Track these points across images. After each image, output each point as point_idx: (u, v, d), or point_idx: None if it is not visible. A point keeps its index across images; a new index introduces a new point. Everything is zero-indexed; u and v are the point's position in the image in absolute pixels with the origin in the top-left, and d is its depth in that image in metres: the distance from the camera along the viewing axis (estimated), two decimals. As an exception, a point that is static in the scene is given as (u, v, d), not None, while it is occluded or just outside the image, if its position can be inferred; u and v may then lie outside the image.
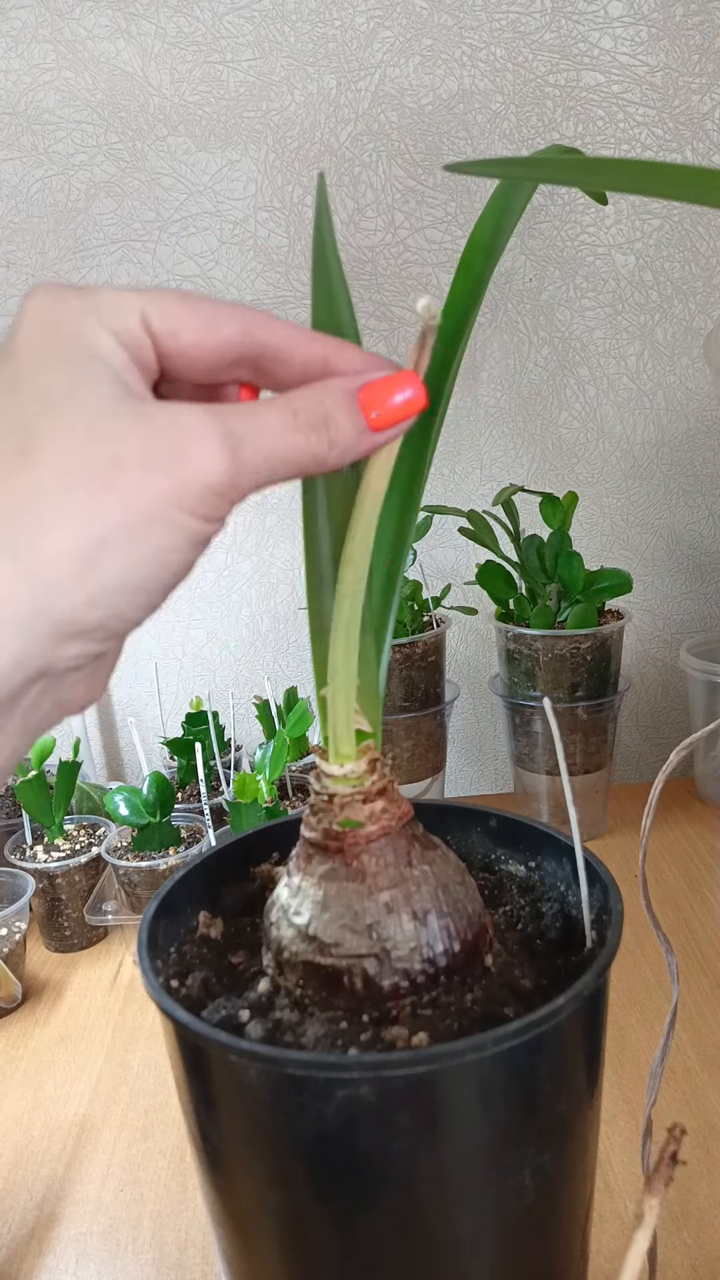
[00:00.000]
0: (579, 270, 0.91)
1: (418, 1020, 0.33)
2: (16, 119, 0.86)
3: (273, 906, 0.36)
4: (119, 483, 0.23)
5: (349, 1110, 0.28)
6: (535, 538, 0.82)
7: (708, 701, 0.91)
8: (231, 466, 0.25)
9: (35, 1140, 0.59)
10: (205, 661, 1.01)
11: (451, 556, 0.98)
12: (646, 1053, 0.61)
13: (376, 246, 0.90)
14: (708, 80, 0.87)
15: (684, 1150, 0.54)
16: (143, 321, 0.26)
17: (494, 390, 0.94)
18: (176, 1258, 0.50)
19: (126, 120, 0.87)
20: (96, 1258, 0.50)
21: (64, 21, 0.84)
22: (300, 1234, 0.32)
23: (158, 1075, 0.63)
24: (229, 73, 0.86)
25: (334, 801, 0.35)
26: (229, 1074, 0.30)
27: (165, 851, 0.73)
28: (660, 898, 0.77)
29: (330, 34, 0.85)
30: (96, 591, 0.24)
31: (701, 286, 0.92)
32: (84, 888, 0.77)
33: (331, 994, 0.33)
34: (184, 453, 0.24)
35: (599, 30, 0.86)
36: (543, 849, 0.41)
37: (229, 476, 0.25)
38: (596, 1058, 0.34)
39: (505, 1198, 0.31)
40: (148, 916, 0.36)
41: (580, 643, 0.81)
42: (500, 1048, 0.28)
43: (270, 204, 0.89)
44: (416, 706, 0.87)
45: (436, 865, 0.35)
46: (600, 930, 0.35)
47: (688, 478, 0.97)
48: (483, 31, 0.86)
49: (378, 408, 0.27)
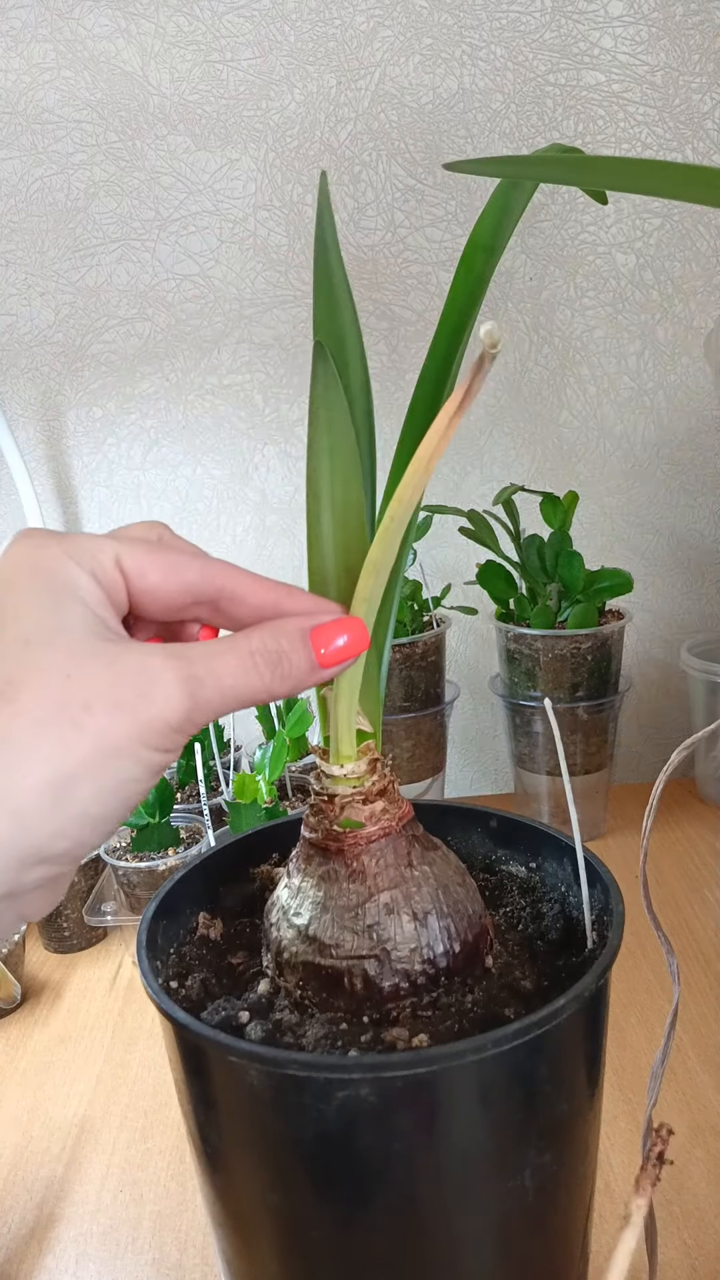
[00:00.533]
0: (579, 269, 0.91)
1: (418, 1021, 0.33)
2: (16, 118, 0.86)
3: (273, 907, 0.36)
4: (88, 724, 0.26)
5: (349, 1111, 0.28)
6: (535, 538, 0.82)
7: (708, 701, 0.91)
8: (190, 705, 0.27)
9: (35, 1140, 0.59)
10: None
11: (451, 556, 0.98)
12: (646, 1053, 0.61)
13: (376, 245, 0.90)
14: (708, 80, 0.87)
15: (684, 1150, 0.53)
16: (117, 563, 0.29)
17: (494, 390, 0.94)
18: (176, 1258, 0.50)
19: (126, 119, 0.87)
20: (96, 1258, 0.50)
21: (64, 21, 0.84)
22: (300, 1234, 0.32)
23: (158, 1076, 0.63)
24: (229, 72, 0.86)
25: (334, 802, 0.35)
26: (229, 1075, 0.30)
27: (164, 852, 0.73)
28: (661, 898, 0.77)
29: (330, 33, 0.85)
30: (65, 823, 0.26)
31: (702, 286, 0.92)
32: (83, 888, 0.77)
33: (331, 995, 0.33)
34: (147, 696, 0.26)
35: (599, 29, 0.86)
36: (543, 849, 0.41)
37: (187, 715, 0.27)
38: (597, 1058, 0.34)
39: (505, 1198, 0.31)
40: (147, 917, 0.36)
41: (580, 643, 0.81)
42: (500, 1049, 0.28)
43: (270, 203, 0.89)
44: (416, 706, 0.87)
45: (437, 866, 0.35)
46: (601, 931, 0.35)
47: (688, 477, 0.97)
48: (483, 31, 0.86)
49: (325, 646, 0.31)
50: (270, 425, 0.94)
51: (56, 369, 0.92)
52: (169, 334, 0.91)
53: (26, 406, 0.92)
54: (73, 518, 0.96)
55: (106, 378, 0.92)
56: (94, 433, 0.94)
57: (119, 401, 0.93)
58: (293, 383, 0.93)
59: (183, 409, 0.93)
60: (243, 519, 0.97)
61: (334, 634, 0.31)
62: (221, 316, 0.91)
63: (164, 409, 0.93)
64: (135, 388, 0.93)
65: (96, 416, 0.93)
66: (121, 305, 0.91)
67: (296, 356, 0.92)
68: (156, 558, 0.30)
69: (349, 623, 0.31)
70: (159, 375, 0.92)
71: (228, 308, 0.91)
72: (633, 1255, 0.21)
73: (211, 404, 0.93)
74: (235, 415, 0.94)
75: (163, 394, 0.93)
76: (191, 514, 0.96)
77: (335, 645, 0.31)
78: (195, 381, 0.93)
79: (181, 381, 0.93)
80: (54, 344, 0.91)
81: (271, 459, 0.95)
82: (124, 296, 0.90)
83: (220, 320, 0.91)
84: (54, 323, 0.91)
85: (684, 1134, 0.55)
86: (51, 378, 0.92)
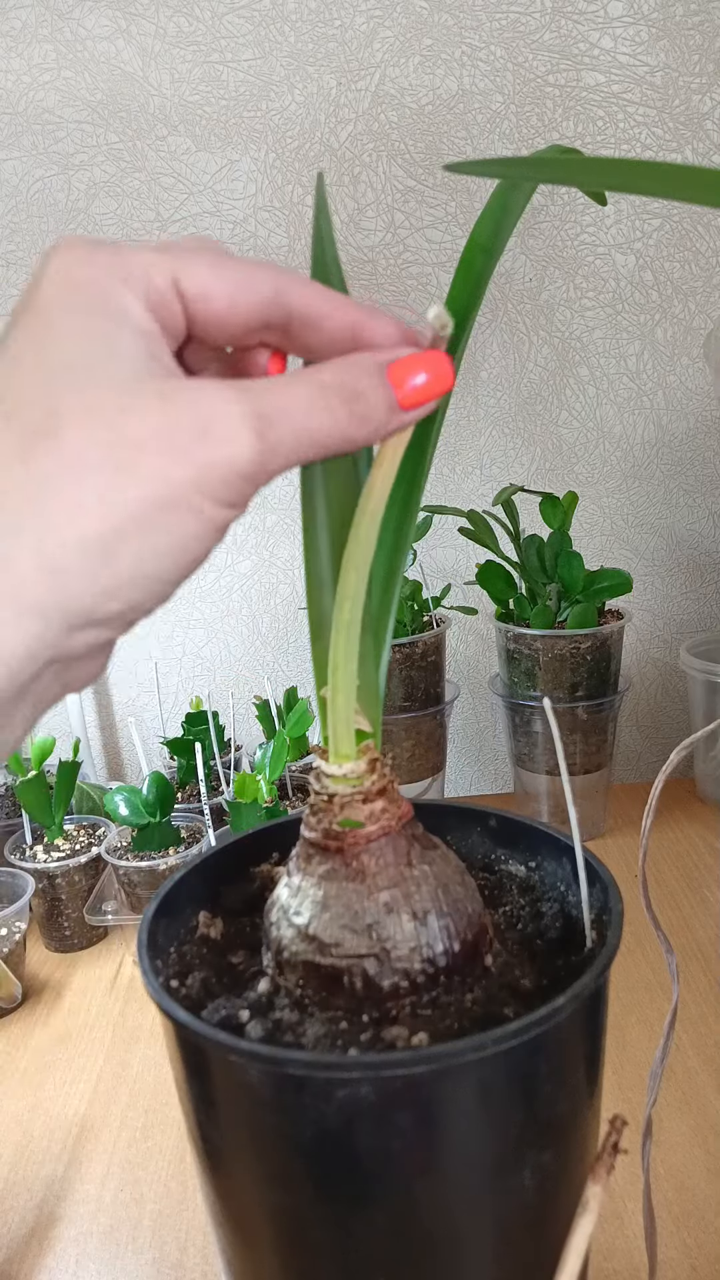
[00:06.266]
0: (579, 270, 0.91)
1: (418, 1020, 0.33)
2: (16, 119, 0.86)
3: (273, 906, 0.36)
4: (140, 468, 0.22)
5: (349, 1110, 0.28)
6: (535, 538, 0.82)
7: (708, 701, 0.91)
8: (259, 448, 0.24)
9: (35, 1140, 0.59)
10: (205, 661, 1.01)
11: (451, 556, 0.98)
12: (646, 1053, 0.61)
13: (376, 246, 0.90)
14: (708, 80, 0.87)
15: (684, 1150, 0.54)
16: (174, 285, 0.25)
17: (494, 390, 0.94)
18: (176, 1258, 0.50)
19: (126, 120, 0.87)
20: (96, 1258, 0.50)
21: (64, 21, 0.84)
22: (300, 1234, 0.32)
23: (158, 1075, 0.63)
24: (229, 73, 0.86)
25: (334, 801, 0.35)
26: (229, 1074, 0.30)
27: (165, 851, 0.73)
28: (660, 898, 0.77)
29: (330, 34, 0.85)
30: (113, 584, 0.23)
31: (701, 286, 0.92)
32: (84, 888, 0.77)
33: (331, 994, 0.33)
34: (209, 435, 0.23)
35: (599, 30, 0.86)
36: (543, 849, 0.41)
37: (257, 459, 0.24)
38: (596, 1058, 0.34)
39: (505, 1197, 0.31)
40: (148, 916, 0.36)
41: (580, 643, 0.81)
42: (500, 1047, 0.28)
43: (270, 204, 0.89)
44: (416, 706, 0.87)
45: (436, 865, 0.35)
46: (600, 930, 0.35)
47: (688, 478, 0.97)
48: (483, 31, 0.86)
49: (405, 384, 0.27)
50: (270, 425, 0.94)
51: (57, 369, 0.92)
52: (169, 334, 0.91)
53: (27, 407, 0.92)
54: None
55: (107, 378, 0.92)
56: (94, 433, 0.94)
57: (119, 402, 0.93)
58: (293, 383, 0.93)
59: (183, 409, 0.93)
60: (243, 519, 0.97)
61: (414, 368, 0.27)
62: (221, 317, 0.91)
63: (164, 409, 0.93)
64: (135, 388, 0.93)
65: (97, 417, 0.93)
66: (122, 306, 0.91)
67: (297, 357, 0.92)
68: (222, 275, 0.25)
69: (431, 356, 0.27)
70: (159, 376, 0.92)
71: (228, 308, 0.91)
72: (589, 1240, 0.21)
73: (212, 404, 0.93)
74: (235, 416, 0.94)
75: (163, 394, 0.93)
76: (192, 514, 0.96)
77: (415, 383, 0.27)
78: (195, 382, 0.93)
79: (182, 382, 0.93)
80: (54, 344, 0.91)
81: (271, 459, 0.95)
82: (124, 297, 0.90)
83: (220, 321, 0.91)
84: (54, 323, 0.91)
85: (684, 1134, 0.55)
86: (52, 378, 0.92)
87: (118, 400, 0.23)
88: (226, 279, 0.25)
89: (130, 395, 0.23)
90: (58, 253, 0.25)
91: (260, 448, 0.24)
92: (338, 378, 0.26)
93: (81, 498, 0.22)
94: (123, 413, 0.23)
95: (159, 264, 0.25)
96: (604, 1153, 0.23)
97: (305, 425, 0.25)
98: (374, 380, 0.26)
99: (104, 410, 0.22)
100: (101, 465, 0.22)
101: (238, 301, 0.26)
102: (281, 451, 0.24)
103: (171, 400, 0.23)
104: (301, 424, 0.24)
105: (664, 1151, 0.54)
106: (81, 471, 0.22)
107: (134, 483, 0.22)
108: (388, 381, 0.26)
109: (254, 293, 0.26)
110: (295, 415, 0.24)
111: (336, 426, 0.25)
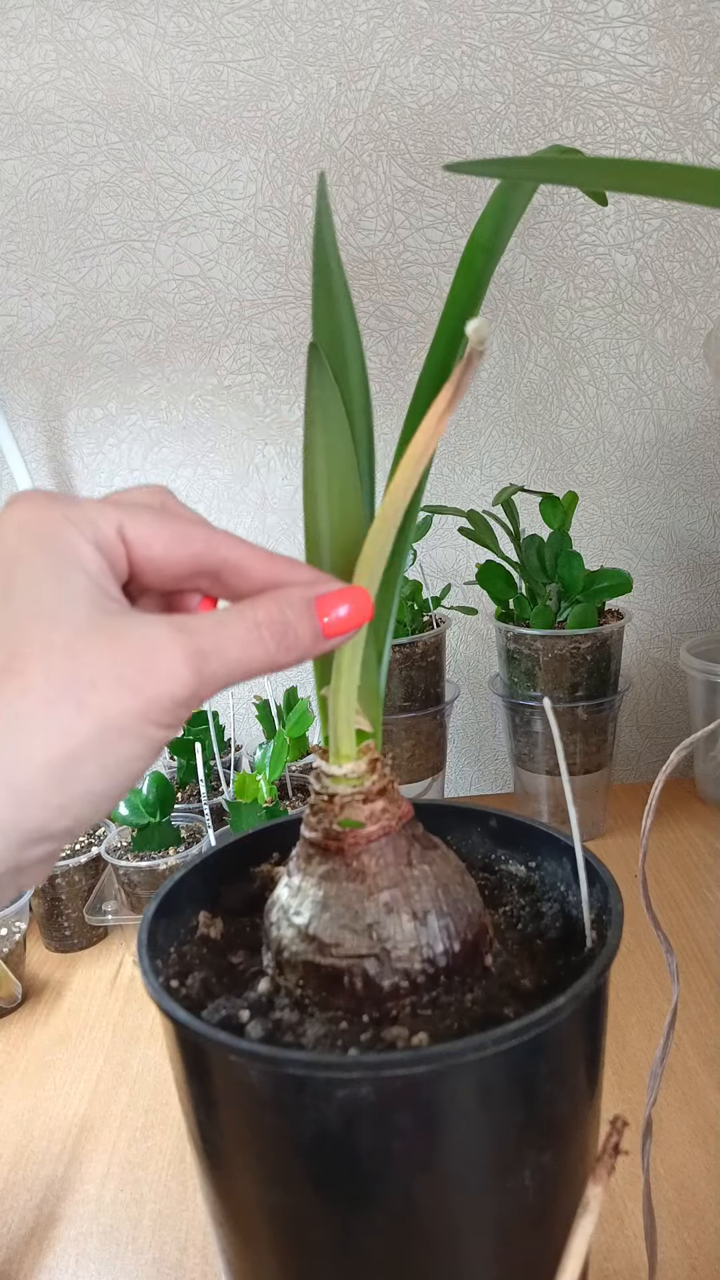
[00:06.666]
0: (579, 270, 0.91)
1: (418, 1020, 0.33)
2: (16, 119, 0.86)
3: (273, 906, 0.36)
4: (94, 702, 0.25)
5: (349, 1110, 0.28)
6: (535, 538, 0.82)
7: (708, 701, 0.91)
8: (196, 682, 0.27)
9: (35, 1140, 0.59)
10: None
11: (451, 556, 0.98)
12: (646, 1053, 0.61)
13: (376, 246, 0.90)
14: (708, 80, 0.87)
15: (684, 1150, 0.54)
16: (119, 532, 0.29)
17: (494, 390, 0.94)
18: (176, 1258, 0.50)
19: (126, 120, 0.87)
20: (96, 1258, 0.50)
21: (64, 21, 0.84)
22: (300, 1234, 0.32)
23: (158, 1075, 0.63)
24: (229, 73, 0.86)
25: (334, 801, 0.35)
26: (229, 1074, 0.30)
27: (165, 851, 0.73)
28: (660, 898, 0.77)
29: (330, 34, 0.85)
30: (67, 801, 0.26)
31: (701, 286, 0.92)
32: (84, 888, 0.77)
33: (331, 994, 0.33)
34: (153, 672, 0.26)
35: (599, 30, 0.86)
36: (543, 849, 0.41)
37: (194, 691, 0.27)
38: (596, 1058, 0.34)
39: (505, 1197, 0.31)
40: (148, 916, 0.36)
41: (580, 643, 0.81)
42: (500, 1047, 0.28)
43: (270, 204, 0.89)
44: (416, 706, 0.87)
45: (436, 865, 0.35)
46: (600, 930, 0.35)
47: (688, 478, 0.97)
48: (483, 31, 0.86)
49: (329, 615, 0.30)
50: (270, 426, 0.94)
51: (57, 370, 0.92)
52: (169, 335, 0.91)
53: (27, 407, 0.93)
54: (73, 518, 0.96)
55: (107, 378, 0.92)
56: (95, 433, 0.94)
57: (120, 402, 0.93)
58: (293, 383, 0.93)
59: (183, 410, 0.93)
60: (243, 519, 0.97)
61: (337, 603, 0.31)
62: (222, 317, 0.91)
63: (165, 410, 0.93)
64: (136, 388, 0.93)
65: (97, 417, 0.93)
66: (122, 306, 0.91)
67: (297, 357, 0.92)
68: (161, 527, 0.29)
69: (353, 592, 0.31)
70: (160, 376, 0.92)
71: (228, 308, 0.91)
72: (590, 1240, 0.21)
73: (212, 405, 0.93)
74: (235, 416, 0.94)
75: (163, 395, 0.93)
76: (192, 514, 0.96)
77: (338, 614, 0.30)
78: (196, 382, 0.93)
79: (182, 382, 0.93)
80: (55, 345, 0.91)
81: (272, 459, 0.95)
82: (124, 297, 0.90)
83: (220, 321, 0.91)
84: (55, 323, 0.91)
85: (684, 1134, 0.55)
86: (52, 379, 0.92)
87: (73, 642, 0.26)
88: (165, 530, 0.29)
89: (84, 636, 0.26)
90: (17, 505, 0.28)
91: (196, 682, 0.27)
92: (270, 615, 0.29)
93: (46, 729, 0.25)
94: (79, 654, 0.26)
95: (107, 514, 0.28)
96: (605, 1154, 0.23)
97: (239, 658, 0.28)
98: (303, 614, 0.30)
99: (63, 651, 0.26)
100: (62, 700, 0.25)
101: (173, 550, 0.29)
102: (214, 682, 0.28)
103: (120, 640, 0.26)
104: (235, 657, 0.28)
105: (664, 1151, 0.54)
106: (44, 707, 0.25)
107: (90, 715, 0.25)
108: (315, 614, 0.30)
109: (188, 544, 0.30)
110: (230, 651, 0.28)
111: (267, 656, 0.29)
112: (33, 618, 0.26)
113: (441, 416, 0.28)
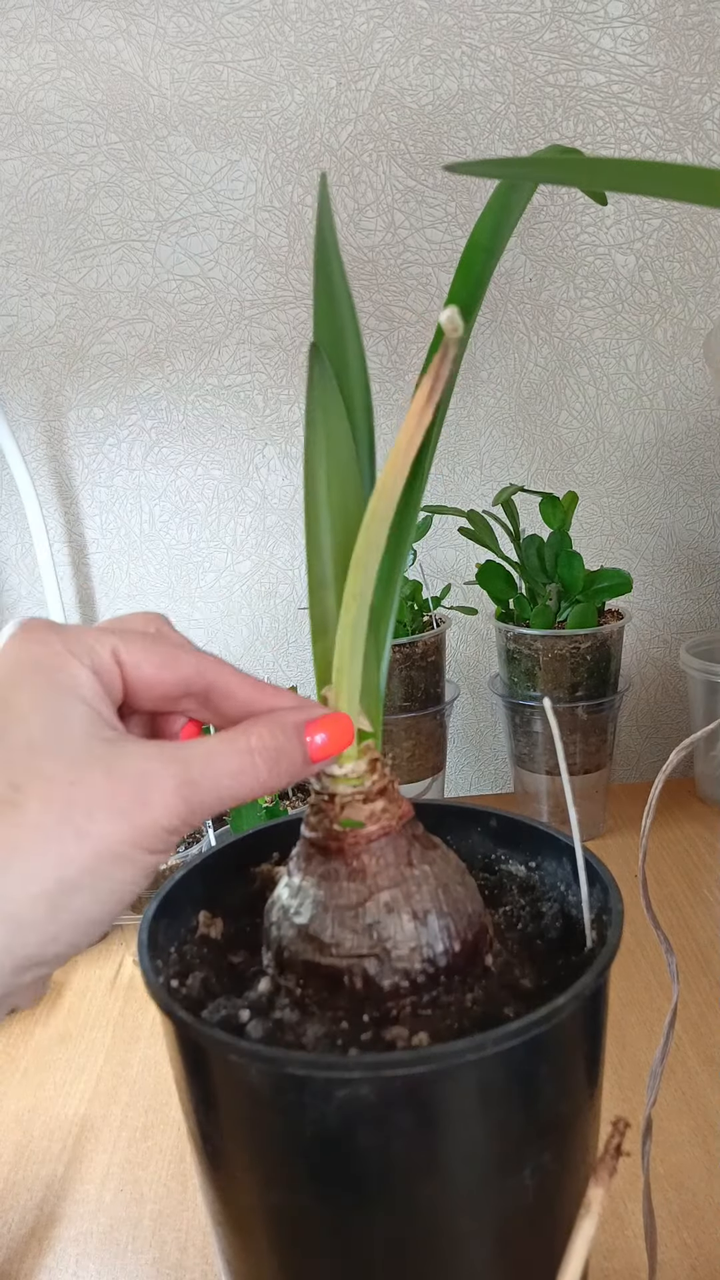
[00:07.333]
0: (579, 270, 0.91)
1: (418, 1020, 0.33)
2: (16, 119, 0.86)
3: (273, 906, 0.36)
4: (91, 832, 0.26)
5: (349, 1110, 0.28)
6: (535, 538, 0.82)
7: (708, 701, 0.91)
8: (186, 811, 0.28)
9: (35, 1140, 0.59)
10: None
11: (451, 556, 0.98)
12: (646, 1053, 0.61)
13: (376, 246, 0.90)
14: (708, 80, 0.87)
15: (684, 1150, 0.54)
16: (114, 655, 0.30)
17: (494, 390, 0.94)
18: (176, 1258, 0.50)
19: (126, 120, 0.87)
20: (96, 1258, 0.50)
21: (64, 21, 0.84)
22: (300, 1234, 0.32)
23: (158, 1075, 0.63)
24: (229, 73, 0.86)
25: (334, 801, 0.35)
26: (229, 1074, 0.30)
27: (165, 851, 0.73)
28: (660, 898, 0.77)
29: (330, 34, 0.85)
30: (61, 929, 0.26)
31: (701, 286, 0.92)
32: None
33: (332, 994, 0.33)
34: (146, 802, 0.27)
35: (599, 30, 0.86)
36: (543, 849, 0.41)
37: (184, 820, 0.28)
38: (596, 1057, 0.34)
39: (505, 1197, 0.31)
40: (148, 916, 0.36)
41: (580, 643, 0.81)
42: (500, 1047, 0.28)
43: (270, 204, 0.89)
44: (416, 706, 0.87)
45: (437, 865, 0.35)
46: (600, 930, 0.35)
47: (688, 478, 0.97)
48: (483, 31, 0.86)
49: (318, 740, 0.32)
50: (271, 426, 0.94)
51: (57, 370, 0.92)
52: (169, 335, 0.91)
53: (27, 407, 0.93)
54: (73, 518, 0.96)
55: (107, 378, 0.92)
56: (95, 433, 0.94)
57: (120, 402, 0.93)
58: (293, 383, 0.93)
59: (183, 410, 0.93)
60: (243, 519, 0.97)
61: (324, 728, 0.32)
62: (222, 317, 0.91)
63: (165, 410, 0.93)
64: (136, 388, 0.93)
65: (97, 417, 0.93)
66: (122, 306, 0.91)
67: (297, 357, 0.92)
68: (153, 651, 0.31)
69: (336, 718, 0.33)
70: (159, 376, 0.92)
71: (228, 309, 0.91)
72: (590, 1243, 0.21)
73: (212, 405, 0.93)
74: (236, 416, 0.94)
75: (163, 395, 0.93)
76: (192, 514, 0.96)
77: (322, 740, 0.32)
78: (196, 382, 0.93)
79: (182, 382, 0.93)
80: (55, 345, 0.91)
81: (272, 460, 0.95)
82: (124, 297, 0.90)
83: (221, 321, 0.91)
84: (55, 323, 0.91)
85: (684, 1134, 0.55)
86: (52, 378, 0.92)
87: (69, 773, 0.27)
88: (156, 654, 0.31)
89: (80, 768, 0.27)
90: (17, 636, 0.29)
91: (186, 810, 0.28)
92: (264, 741, 0.30)
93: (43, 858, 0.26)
94: (74, 785, 0.27)
95: (104, 640, 0.30)
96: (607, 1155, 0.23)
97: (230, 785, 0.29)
98: (293, 740, 0.31)
99: (59, 782, 0.27)
100: (59, 830, 0.26)
101: (163, 673, 0.31)
102: (204, 810, 0.29)
103: (115, 771, 0.27)
104: (226, 785, 0.29)
105: (664, 1151, 0.54)
106: (41, 837, 0.26)
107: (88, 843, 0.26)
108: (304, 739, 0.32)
109: (178, 668, 0.31)
110: (222, 778, 0.29)
111: (258, 782, 0.30)
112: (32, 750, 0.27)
113: (423, 409, 0.28)
